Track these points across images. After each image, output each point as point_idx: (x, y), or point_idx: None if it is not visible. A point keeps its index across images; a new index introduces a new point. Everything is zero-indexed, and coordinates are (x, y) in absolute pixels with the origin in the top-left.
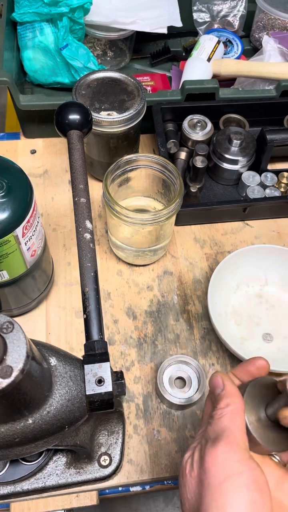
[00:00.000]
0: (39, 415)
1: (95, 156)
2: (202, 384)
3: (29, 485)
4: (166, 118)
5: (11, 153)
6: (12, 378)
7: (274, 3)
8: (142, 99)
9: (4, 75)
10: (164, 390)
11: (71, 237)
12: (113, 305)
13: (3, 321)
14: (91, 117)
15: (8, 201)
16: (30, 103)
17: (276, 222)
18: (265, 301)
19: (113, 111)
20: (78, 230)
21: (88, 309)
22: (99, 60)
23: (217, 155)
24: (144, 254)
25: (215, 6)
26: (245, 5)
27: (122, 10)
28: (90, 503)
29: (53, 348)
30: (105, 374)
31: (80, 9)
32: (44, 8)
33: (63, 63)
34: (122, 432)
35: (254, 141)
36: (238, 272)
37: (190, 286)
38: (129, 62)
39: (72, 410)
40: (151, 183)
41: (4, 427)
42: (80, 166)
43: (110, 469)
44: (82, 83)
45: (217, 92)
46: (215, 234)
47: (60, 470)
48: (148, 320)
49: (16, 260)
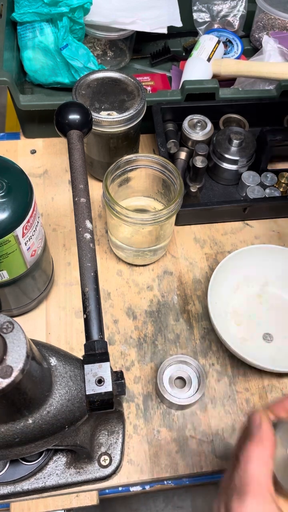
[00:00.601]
0: (39, 415)
1: (95, 156)
2: (202, 384)
3: (29, 485)
4: (166, 118)
5: (11, 153)
6: (12, 378)
7: (274, 3)
8: (142, 99)
9: (4, 75)
10: (164, 390)
11: (71, 237)
12: (113, 305)
13: (3, 321)
14: (91, 117)
15: (8, 201)
16: (30, 103)
17: (276, 222)
18: (265, 301)
19: (113, 111)
20: (78, 230)
21: (88, 309)
22: (99, 60)
23: (217, 155)
24: (144, 254)
25: (215, 6)
26: (245, 5)
27: (122, 10)
28: (90, 503)
29: (53, 348)
30: (105, 374)
31: (80, 9)
32: (44, 8)
33: (63, 63)
34: (122, 432)
35: (254, 141)
36: (238, 272)
37: (190, 286)
38: (129, 62)
39: (72, 410)
40: (151, 183)
41: (4, 427)
42: (80, 166)
43: (110, 469)
44: (82, 83)
45: (217, 92)
46: (215, 234)
47: (60, 470)
48: (148, 320)
49: (16, 260)
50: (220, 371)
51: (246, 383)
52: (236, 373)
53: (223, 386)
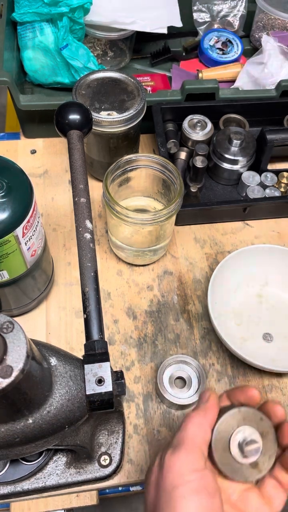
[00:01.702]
0: (39, 415)
1: (95, 156)
2: (202, 384)
3: (29, 485)
4: (166, 118)
5: (11, 153)
6: (12, 378)
7: (274, 3)
8: (142, 99)
9: (4, 75)
10: (164, 390)
11: (71, 237)
12: (113, 305)
13: (3, 321)
14: (91, 117)
15: (8, 201)
16: (30, 103)
17: (276, 222)
18: (265, 301)
19: (113, 111)
20: (78, 230)
21: (88, 309)
22: (99, 60)
23: (217, 155)
24: (144, 254)
25: (215, 6)
26: (245, 5)
27: (122, 10)
28: (90, 503)
29: (53, 348)
30: (105, 374)
31: (80, 9)
32: (44, 8)
33: (63, 63)
34: (122, 432)
35: (254, 141)
36: (238, 272)
37: (190, 286)
38: (129, 62)
39: (72, 410)
40: (151, 183)
41: (4, 427)
42: (80, 166)
43: (110, 469)
44: (82, 83)
45: (217, 92)
46: (215, 234)
47: (60, 470)
48: (148, 320)
49: (16, 260)
50: (220, 371)
51: (246, 383)
52: (236, 373)
53: (223, 386)
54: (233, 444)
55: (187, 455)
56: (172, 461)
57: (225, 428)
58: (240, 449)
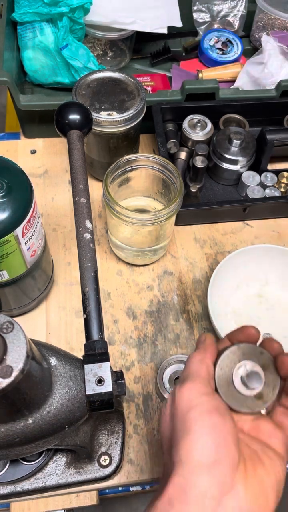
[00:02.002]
0: (39, 415)
1: (95, 156)
2: None
3: (29, 485)
4: (166, 118)
5: (11, 153)
6: (12, 378)
7: (274, 3)
8: (142, 99)
9: (4, 75)
10: (164, 390)
11: (71, 237)
12: (113, 305)
13: (3, 321)
14: (91, 117)
15: (8, 201)
16: (30, 103)
17: (276, 222)
18: (265, 301)
19: (113, 111)
20: (78, 230)
21: (88, 309)
22: (99, 60)
23: (217, 155)
24: (144, 254)
25: (215, 6)
26: (245, 5)
27: (122, 10)
28: (90, 503)
29: (53, 348)
30: (105, 374)
31: (80, 9)
32: (44, 8)
33: (63, 63)
34: (122, 432)
35: (254, 141)
36: (238, 272)
37: (190, 286)
38: (129, 62)
39: (72, 410)
40: (151, 183)
41: (4, 427)
42: (80, 166)
43: (110, 469)
44: (82, 83)
45: (217, 92)
46: (215, 234)
47: (60, 470)
48: (148, 320)
49: (16, 260)
50: None
51: None
52: None
53: None
54: (236, 378)
55: (194, 385)
56: (181, 392)
57: (227, 364)
58: (243, 382)
